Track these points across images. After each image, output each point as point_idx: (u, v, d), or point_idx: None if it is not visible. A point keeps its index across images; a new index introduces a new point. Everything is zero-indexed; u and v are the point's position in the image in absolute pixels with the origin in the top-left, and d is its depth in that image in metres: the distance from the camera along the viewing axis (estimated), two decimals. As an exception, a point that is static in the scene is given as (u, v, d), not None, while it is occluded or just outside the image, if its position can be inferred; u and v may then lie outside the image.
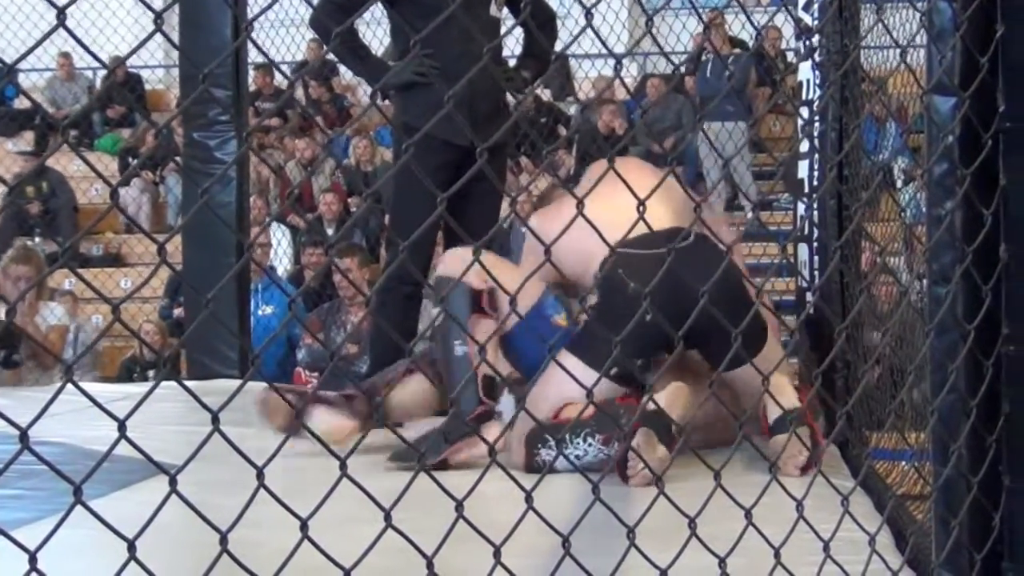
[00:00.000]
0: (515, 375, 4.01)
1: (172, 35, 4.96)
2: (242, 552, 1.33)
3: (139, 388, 6.20)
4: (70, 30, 1.23)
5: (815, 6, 4.74)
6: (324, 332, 8.10)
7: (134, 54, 1.50)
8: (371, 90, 2.23)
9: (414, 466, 3.42)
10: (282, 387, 3.94)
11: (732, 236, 4.25)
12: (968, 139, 2.22)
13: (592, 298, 3.81)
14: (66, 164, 12.99)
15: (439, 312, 4.04)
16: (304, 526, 1.38)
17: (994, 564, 2.23)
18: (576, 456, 3.67)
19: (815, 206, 4.75)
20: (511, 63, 5.10)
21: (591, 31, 1.67)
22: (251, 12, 6.80)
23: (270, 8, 1.48)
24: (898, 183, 8.11)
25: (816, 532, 2.03)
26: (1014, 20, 2.19)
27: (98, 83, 14.83)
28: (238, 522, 1.34)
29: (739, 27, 12.54)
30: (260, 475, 1.35)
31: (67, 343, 8.04)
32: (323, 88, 13.89)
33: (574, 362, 3.52)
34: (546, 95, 13.46)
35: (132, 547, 1.24)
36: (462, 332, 3.82)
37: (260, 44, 1.43)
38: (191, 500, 1.29)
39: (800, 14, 4.89)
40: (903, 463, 3.61)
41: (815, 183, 4.80)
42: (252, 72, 12.03)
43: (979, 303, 2.21)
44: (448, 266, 4.06)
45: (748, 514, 1.90)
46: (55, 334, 7.83)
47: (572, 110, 13.46)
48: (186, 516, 1.30)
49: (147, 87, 14.67)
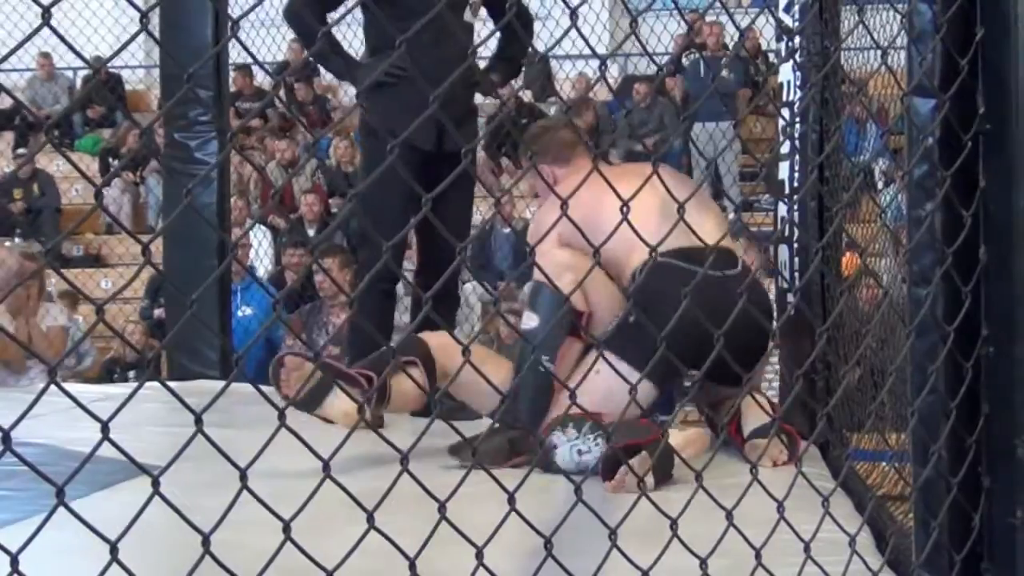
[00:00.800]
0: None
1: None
2: (225, 553, 1.33)
3: (120, 389, 6.18)
4: (55, 29, 1.23)
5: (796, 7, 4.75)
6: (306, 333, 8.10)
7: (117, 55, 1.49)
8: (354, 91, 2.23)
9: (468, 463, 3.59)
10: (299, 354, 3.94)
11: (758, 260, 4.34)
12: (948, 141, 2.23)
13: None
14: (47, 164, 12.96)
15: (540, 321, 3.98)
16: (287, 528, 1.38)
17: (974, 565, 2.24)
18: (579, 450, 3.71)
19: (796, 207, 4.76)
20: (482, 66, 5.11)
21: (573, 31, 1.68)
22: (232, 12, 6.79)
23: (254, 9, 1.48)
24: (879, 184, 8.13)
25: (797, 533, 2.04)
26: (994, 22, 2.19)
27: (78, 83, 14.79)
28: (221, 523, 1.34)
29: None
30: (243, 476, 1.35)
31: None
32: (307, 88, 13.88)
33: (616, 361, 3.47)
34: (527, 96, 13.47)
35: (114, 548, 1.24)
36: (554, 350, 3.94)
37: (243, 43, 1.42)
38: (174, 501, 1.28)
39: (781, 15, 4.90)
40: (884, 464, 3.62)
41: (796, 184, 4.81)
42: (232, 73, 12.02)
43: (959, 305, 2.21)
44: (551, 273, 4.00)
45: (729, 515, 1.91)
46: (56, 335, 7.81)
47: (553, 111, 13.46)
48: (169, 517, 1.30)
49: (127, 87, 14.64)
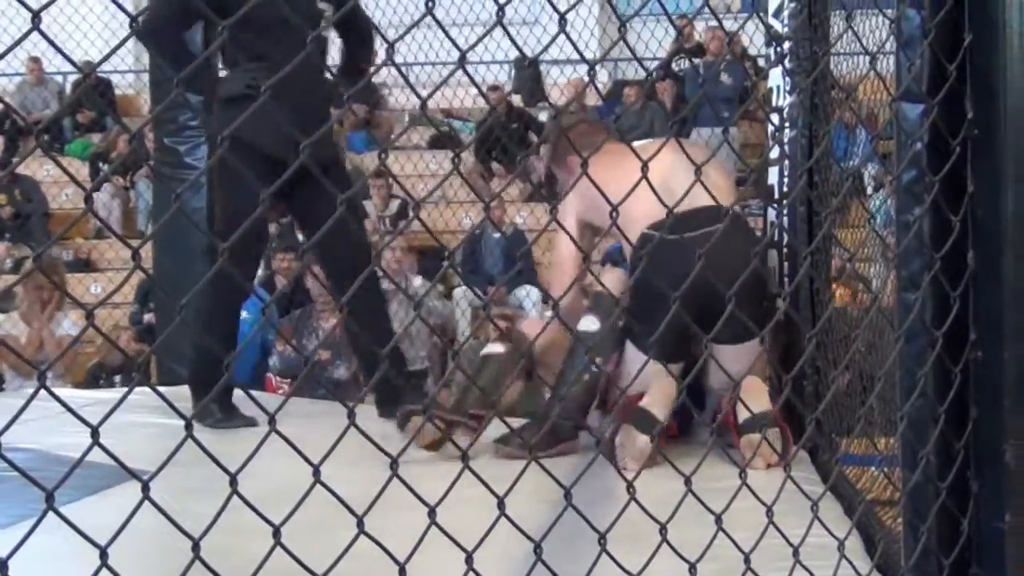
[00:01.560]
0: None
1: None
2: (215, 559, 1.33)
3: (109, 394, 6.17)
4: (44, 33, 1.23)
5: (785, 13, 4.76)
6: (296, 338, 8.09)
7: (107, 59, 1.50)
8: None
9: (516, 452, 3.93)
10: (424, 409, 4.24)
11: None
12: (936, 146, 2.23)
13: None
14: (36, 169, 12.94)
15: (595, 324, 4.26)
16: (277, 532, 1.38)
17: (962, 569, 2.24)
18: None
19: (785, 212, 4.76)
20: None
21: (562, 37, 1.68)
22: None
23: (243, 13, 1.49)
24: (868, 189, 8.14)
25: (786, 537, 2.04)
26: (982, 28, 2.20)
27: (68, 88, 14.76)
28: (211, 528, 1.34)
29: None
30: (233, 481, 1.35)
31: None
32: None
33: (634, 351, 4.05)
34: (517, 100, 13.47)
35: (104, 554, 1.24)
36: (607, 353, 4.24)
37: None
38: (164, 506, 1.28)
39: (770, 21, 4.91)
40: (872, 468, 3.62)
41: (785, 189, 4.82)
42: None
43: (947, 309, 2.22)
44: (609, 284, 4.15)
45: (719, 520, 1.91)
46: (67, 343, 7.84)
47: (543, 115, 13.47)
48: (159, 522, 1.30)
49: (117, 92, 14.61)
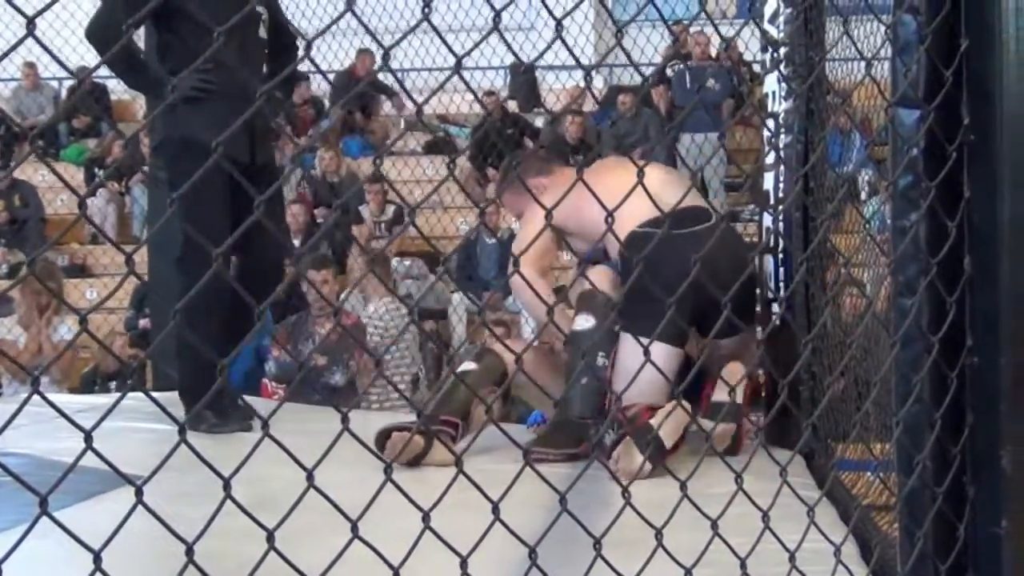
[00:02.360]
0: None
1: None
2: (209, 563, 1.33)
3: (104, 399, 6.17)
4: (39, 39, 1.22)
5: (781, 18, 4.76)
6: (292, 344, 8.09)
7: (102, 65, 1.49)
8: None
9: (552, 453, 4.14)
10: (403, 424, 4.25)
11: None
12: (932, 151, 2.23)
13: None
14: (31, 174, 12.93)
15: (590, 321, 4.35)
16: (271, 537, 1.38)
17: (959, 575, 2.24)
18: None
19: (780, 218, 4.77)
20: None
21: (558, 42, 1.68)
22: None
23: (239, 18, 1.49)
24: (863, 195, 8.14)
25: (782, 543, 2.04)
26: (978, 33, 2.20)
27: (64, 93, 14.76)
28: (205, 533, 1.33)
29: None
30: (227, 486, 1.34)
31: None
32: (303, 89, 13.92)
33: (630, 347, 4.08)
34: (513, 106, 13.49)
35: (98, 558, 1.24)
36: (606, 347, 4.27)
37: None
38: (157, 511, 1.28)
39: (766, 26, 4.91)
40: (868, 474, 3.62)
41: (780, 195, 4.82)
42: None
43: (944, 315, 2.22)
44: (597, 282, 4.42)
45: (714, 525, 1.91)
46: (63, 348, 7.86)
47: (539, 121, 13.49)
48: (152, 527, 1.29)
49: (113, 98, 14.61)
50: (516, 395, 4.66)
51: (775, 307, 4.78)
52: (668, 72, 12.66)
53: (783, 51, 4.71)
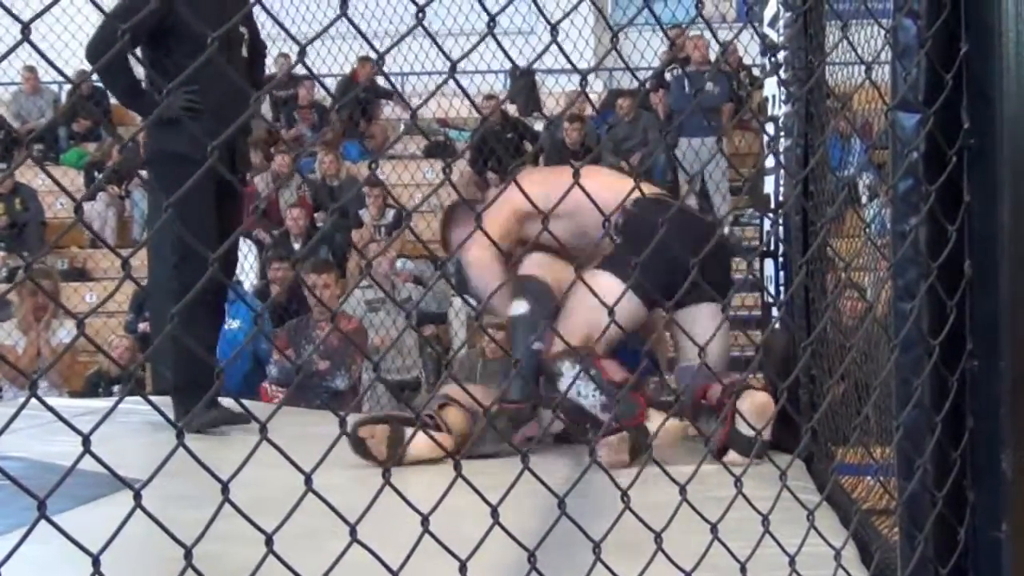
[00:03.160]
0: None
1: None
2: (207, 566, 1.32)
3: (103, 403, 6.16)
4: (35, 44, 1.22)
5: (780, 22, 4.76)
6: (293, 348, 8.09)
7: (100, 68, 1.49)
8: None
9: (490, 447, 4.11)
10: (375, 417, 4.32)
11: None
12: (932, 155, 2.23)
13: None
14: (31, 178, 12.93)
15: (524, 306, 4.46)
16: (269, 540, 1.37)
17: (959, 579, 2.24)
18: (578, 391, 4.16)
19: (781, 221, 4.77)
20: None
21: (556, 47, 1.68)
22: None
23: (235, 23, 1.48)
24: (863, 199, 8.14)
25: (782, 547, 2.03)
26: (978, 37, 2.20)
27: (63, 97, 14.76)
28: (203, 536, 1.33)
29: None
30: (225, 489, 1.34)
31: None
32: (307, 92, 13.95)
33: (608, 277, 4.17)
34: (512, 110, 13.48)
35: (96, 562, 1.23)
36: (541, 330, 4.36)
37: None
38: (156, 514, 1.28)
39: (766, 30, 4.91)
40: (868, 478, 3.62)
41: (780, 199, 4.82)
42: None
43: (944, 319, 2.21)
44: (528, 269, 4.56)
45: (714, 529, 1.91)
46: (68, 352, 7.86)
47: (538, 125, 13.49)
48: (151, 530, 1.29)
49: (112, 101, 14.60)
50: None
51: (774, 311, 4.79)
52: (667, 76, 12.66)
53: (782, 55, 4.71)
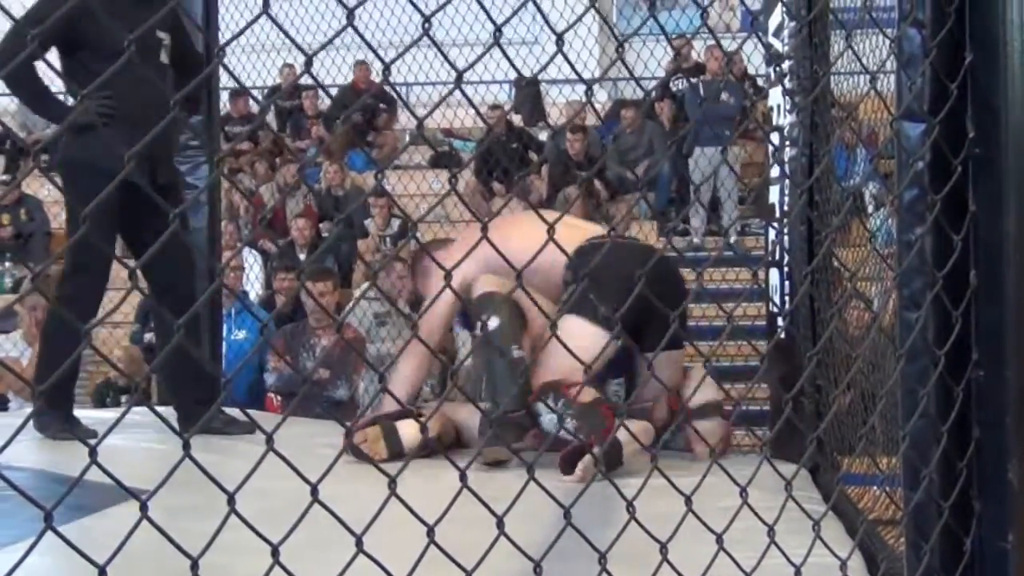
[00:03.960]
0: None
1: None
2: (213, 578, 1.32)
3: (110, 414, 6.16)
4: (48, 61, 1.23)
5: (785, 32, 4.76)
6: (291, 355, 8.09)
7: (104, 80, 1.49)
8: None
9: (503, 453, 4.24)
10: (363, 423, 4.46)
11: None
12: (938, 165, 2.23)
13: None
14: (37, 189, 12.94)
15: (490, 322, 4.51)
16: (275, 551, 1.37)
17: (965, 589, 2.23)
18: (553, 422, 4.25)
19: (786, 231, 4.76)
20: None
21: (561, 57, 1.68)
22: (223, 37, 6.80)
23: (241, 34, 1.48)
24: (868, 209, 8.14)
25: (787, 557, 2.03)
26: (983, 47, 2.20)
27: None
28: (209, 547, 1.33)
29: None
30: (231, 500, 1.34)
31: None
32: (311, 102, 13.97)
33: (576, 320, 4.25)
34: (517, 120, 13.49)
35: (103, 573, 1.23)
36: (518, 339, 4.45)
37: (232, 69, 1.43)
38: (162, 525, 1.28)
39: (770, 40, 4.91)
40: (874, 488, 3.61)
41: (786, 208, 4.82)
42: (225, 96, 12.05)
43: (949, 328, 2.21)
44: (484, 287, 4.61)
45: (719, 539, 1.90)
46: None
47: (543, 135, 13.49)
48: (157, 541, 1.29)
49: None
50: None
51: (779, 320, 4.79)
52: (671, 86, 12.66)
53: (787, 65, 4.71)
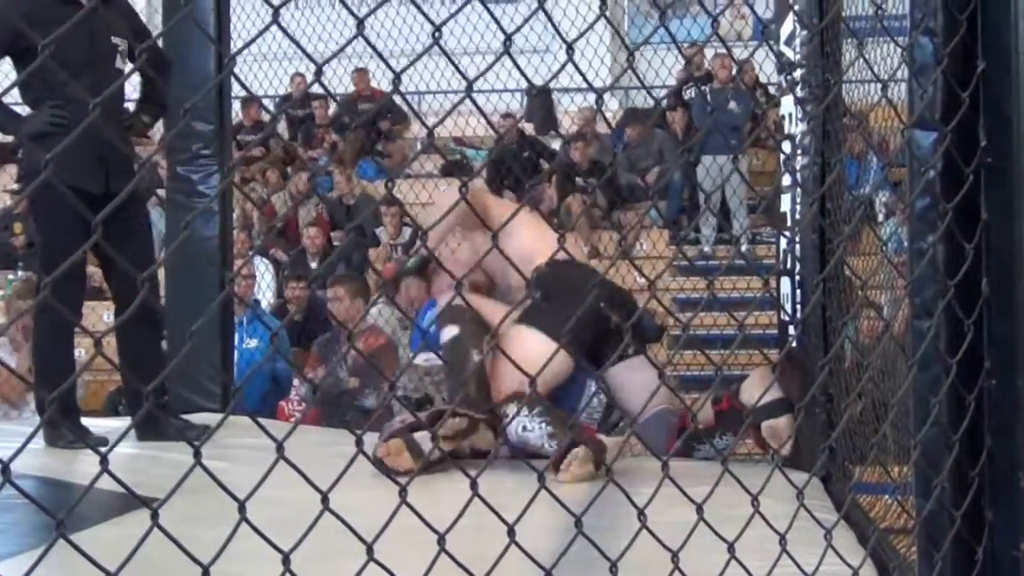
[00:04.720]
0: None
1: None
2: (224, 586, 1.32)
3: (121, 422, 6.17)
4: (55, 67, 1.23)
5: (797, 40, 4.76)
6: (324, 366, 8.08)
7: (115, 88, 1.50)
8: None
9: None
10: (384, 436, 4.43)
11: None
12: (950, 174, 2.23)
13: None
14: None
15: (455, 329, 4.60)
16: (286, 559, 1.37)
17: (977, 598, 2.23)
18: (524, 426, 4.32)
19: (797, 240, 4.76)
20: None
21: (572, 65, 1.68)
22: (234, 46, 6.81)
23: (252, 43, 1.49)
24: (880, 217, 8.13)
25: (799, 566, 2.03)
26: (995, 56, 2.20)
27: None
28: (220, 555, 1.33)
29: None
30: (242, 508, 1.34)
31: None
32: (323, 110, 14.00)
33: (533, 334, 4.38)
34: (529, 128, 13.49)
35: (114, 581, 1.24)
36: (479, 343, 4.53)
37: (243, 78, 1.43)
38: (173, 533, 1.28)
39: (782, 48, 4.91)
40: (886, 497, 3.61)
41: (797, 217, 4.81)
42: (237, 105, 12.06)
43: (961, 337, 2.21)
44: (457, 300, 4.71)
45: (731, 548, 1.90)
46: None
47: (555, 144, 13.49)
48: (168, 549, 1.29)
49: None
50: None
51: (791, 329, 4.78)
52: (690, 93, 12.66)
53: (799, 73, 4.70)
